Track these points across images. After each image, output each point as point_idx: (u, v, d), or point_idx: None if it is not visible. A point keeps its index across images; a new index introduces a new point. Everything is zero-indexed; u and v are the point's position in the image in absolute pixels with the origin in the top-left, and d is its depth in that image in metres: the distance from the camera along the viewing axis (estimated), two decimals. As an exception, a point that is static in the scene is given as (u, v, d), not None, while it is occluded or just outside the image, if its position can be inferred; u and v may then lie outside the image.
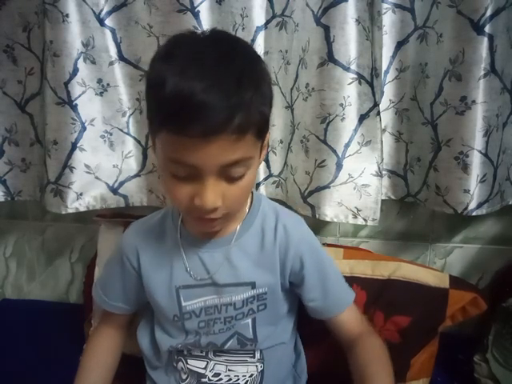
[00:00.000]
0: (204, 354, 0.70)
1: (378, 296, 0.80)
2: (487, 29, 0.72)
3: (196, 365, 0.70)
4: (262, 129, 0.56)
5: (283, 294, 0.69)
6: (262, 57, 0.85)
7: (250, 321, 0.67)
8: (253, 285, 0.66)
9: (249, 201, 0.69)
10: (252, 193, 0.70)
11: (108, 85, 0.86)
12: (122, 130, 0.89)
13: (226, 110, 0.48)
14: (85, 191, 0.89)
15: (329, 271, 0.69)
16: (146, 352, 0.73)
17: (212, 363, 0.69)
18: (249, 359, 0.69)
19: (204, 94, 0.47)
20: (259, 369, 0.70)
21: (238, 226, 0.66)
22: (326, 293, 0.68)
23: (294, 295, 0.71)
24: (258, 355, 0.70)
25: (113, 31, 0.84)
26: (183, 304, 0.67)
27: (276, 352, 0.70)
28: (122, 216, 0.92)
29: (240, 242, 0.66)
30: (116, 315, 0.74)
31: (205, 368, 0.69)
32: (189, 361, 0.70)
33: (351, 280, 0.81)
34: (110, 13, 0.83)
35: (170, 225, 0.69)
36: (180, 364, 0.71)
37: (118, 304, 0.72)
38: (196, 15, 0.79)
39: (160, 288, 0.68)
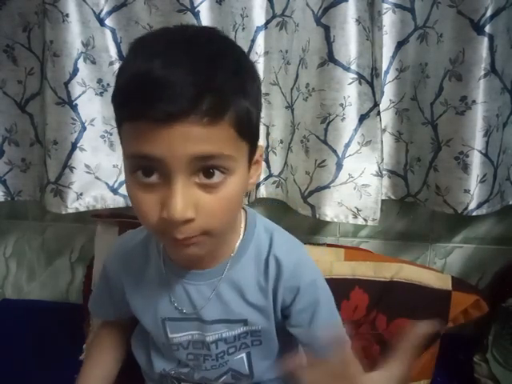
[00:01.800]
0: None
1: (380, 298, 0.80)
2: (487, 29, 0.72)
3: None
4: (244, 125, 0.46)
5: (280, 331, 0.61)
6: (262, 57, 0.85)
7: (244, 355, 0.62)
8: (245, 322, 0.59)
9: (242, 226, 0.59)
10: (247, 213, 0.61)
11: (108, 85, 0.86)
12: (122, 130, 0.89)
13: (190, 86, 0.40)
14: (85, 191, 0.89)
15: (320, 312, 0.59)
16: (140, 362, 0.69)
17: None
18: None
19: (164, 70, 0.40)
20: None
21: (231, 257, 0.58)
22: (313, 333, 0.58)
23: None
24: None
25: (113, 31, 0.84)
26: (169, 336, 0.61)
27: (273, 381, 0.65)
28: (118, 216, 0.92)
29: (230, 275, 0.58)
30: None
31: None
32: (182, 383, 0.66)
33: (353, 282, 0.81)
34: (110, 13, 0.83)
35: (154, 249, 0.62)
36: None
37: (111, 317, 0.71)
38: (196, 15, 0.79)
39: (146, 316, 0.62)
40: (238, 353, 0.61)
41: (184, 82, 0.40)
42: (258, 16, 0.82)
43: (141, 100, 0.41)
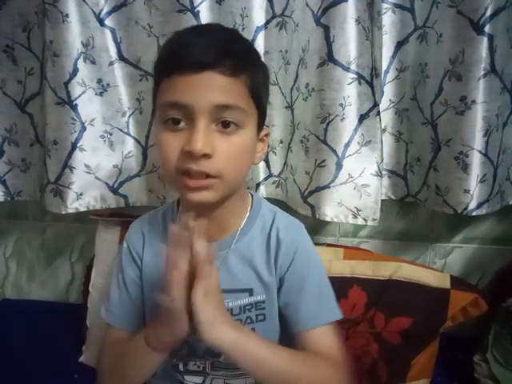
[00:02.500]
0: (201, 368, 0.67)
1: (378, 297, 0.81)
2: (487, 29, 0.72)
3: (193, 380, 0.68)
4: (255, 91, 0.57)
5: (281, 313, 0.65)
6: (262, 57, 0.85)
7: None
8: (250, 291, 0.63)
9: (249, 204, 0.67)
10: (252, 196, 0.69)
11: (108, 85, 0.86)
12: (121, 130, 0.89)
13: (216, 47, 0.53)
14: (85, 191, 0.89)
15: (308, 283, 0.63)
16: None
17: (209, 378, 0.67)
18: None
19: (195, 38, 0.54)
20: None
21: (238, 231, 0.64)
22: (299, 304, 0.63)
23: None
24: None
25: (113, 31, 0.84)
26: None
27: None
28: (119, 216, 0.92)
29: (238, 247, 0.64)
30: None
31: (202, 383, 0.68)
32: (186, 377, 0.68)
33: (352, 281, 0.81)
34: (109, 13, 0.83)
35: (170, 223, 0.67)
36: (178, 376, 0.68)
37: (134, 322, 0.67)
38: (196, 15, 0.79)
39: (155, 290, 0.63)
40: None
41: (211, 44, 0.53)
42: (258, 16, 0.82)
43: (177, 55, 0.54)
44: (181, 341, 0.62)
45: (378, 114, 0.80)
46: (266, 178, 0.93)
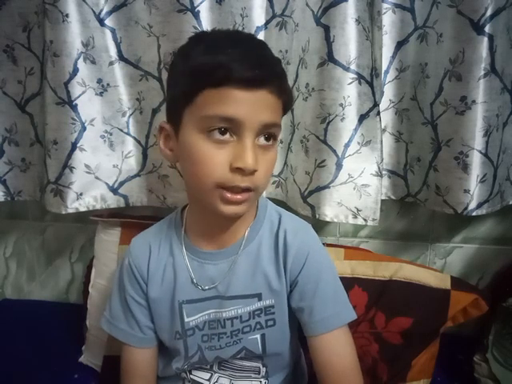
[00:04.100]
0: (209, 366, 0.68)
1: (379, 297, 0.80)
2: (487, 29, 0.72)
3: (200, 375, 0.68)
4: (286, 109, 0.60)
5: (291, 316, 0.65)
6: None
7: (258, 336, 0.64)
8: (259, 296, 0.63)
9: (256, 206, 0.67)
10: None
11: (108, 85, 0.86)
12: (122, 130, 0.89)
13: (267, 67, 0.54)
14: (85, 191, 0.89)
15: (322, 286, 0.63)
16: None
17: (216, 376, 0.68)
18: (253, 375, 0.67)
19: (243, 52, 0.53)
20: None
21: (246, 233, 0.64)
22: (314, 308, 0.62)
23: None
24: (263, 372, 0.67)
25: (113, 31, 0.84)
26: (186, 320, 0.65)
27: (280, 367, 0.69)
28: (119, 216, 0.92)
29: (246, 251, 0.64)
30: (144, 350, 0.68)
31: (208, 380, 0.68)
32: (193, 371, 0.68)
33: (352, 281, 0.81)
34: (110, 13, 0.83)
35: (175, 236, 0.67)
36: (183, 374, 0.69)
37: (147, 334, 0.67)
38: (196, 15, 0.79)
39: (163, 304, 0.65)
40: (253, 333, 0.64)
41: (261, 63, 0.53)
42: (258, 16, 0.82)
43: (227, 68, 0.51)
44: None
45: (378, 114, 0.80)
46: (266, 178, 0.93)
